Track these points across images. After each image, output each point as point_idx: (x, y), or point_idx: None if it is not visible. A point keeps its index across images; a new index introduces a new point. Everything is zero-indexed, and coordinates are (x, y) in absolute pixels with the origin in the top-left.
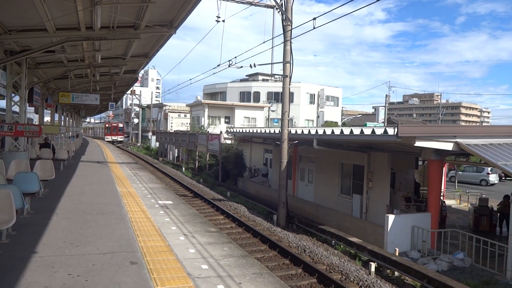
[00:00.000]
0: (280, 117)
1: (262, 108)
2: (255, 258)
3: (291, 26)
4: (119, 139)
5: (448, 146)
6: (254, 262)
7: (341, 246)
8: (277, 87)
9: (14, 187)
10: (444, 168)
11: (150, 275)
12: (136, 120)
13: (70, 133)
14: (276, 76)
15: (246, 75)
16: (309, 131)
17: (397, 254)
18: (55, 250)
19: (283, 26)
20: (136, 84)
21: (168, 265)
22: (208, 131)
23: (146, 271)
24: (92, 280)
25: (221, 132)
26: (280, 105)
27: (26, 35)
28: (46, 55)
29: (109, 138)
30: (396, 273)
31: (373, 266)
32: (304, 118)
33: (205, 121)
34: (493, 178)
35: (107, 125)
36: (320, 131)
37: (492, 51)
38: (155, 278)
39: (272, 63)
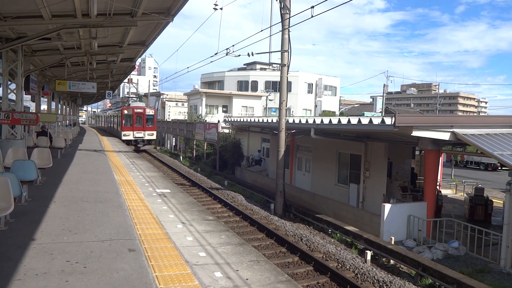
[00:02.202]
0: (277, 106)
1: (259, 97)
2: (252, 246)
3: (289, 14)
4: (148, 138)
5: (445, 136)
6: (251, 250)
7: (338, 234)
8: (275, 76)
9: (12, 174)
10: (440, 158)
11: (148, 262)
12: None
13: (67, 121)
14: (274, 65)
15: (244, 64)
16: (307, 121)
17: (393, 242)
18: (53, 238)
19: (281, 14)
20: (133, 73)
21: (166, 253)
22: (205, 120)
23: (144, 258)
24: (90, 267)
25: (218, 121)
26: (277, 94)
27: (22, 22)
28: (42, 43)
29: (128, 135)
30: (392, 261)
31: (369, 254)
32: (301, 108)
33: (202, 110)
34: None
35: (125, 112)
36: (318, 121)
37: (491, 41)
38: (153, 265)
39: (270, 52)
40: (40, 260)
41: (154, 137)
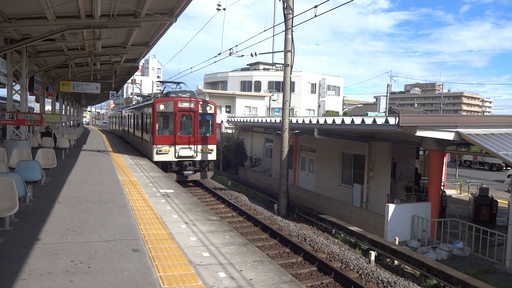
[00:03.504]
0: (281, 106)
1: (263, 97)
2: (256, 246)
3: (292, 14)
4: (203, 157)
5: (449, 136)
6: (255, 250)
7: (342, 235)
8: (278, 76)
9: (17, 175)
10: (445, 158)
11: (152, 263)
12: None
13: (72, 122)
14: (277, 65)
15: (247, 64)
16: (310, 121)
17: (397, 243)
18: (58, 238)
19: (284, 14)
20: (137, 73)
21: (169, 253)
22: None
23: (148, 258)
24: (95, 267)
25: (222, 121)
26: (281, 94)
27: (26, 23)
28: (46, 44)
29: (166, 152)
30: (396, 262)
31: (373, 254)
32: (305, 108)
33: None
34: None
35: (161, 107)
36: (321, 121)
37: (496, 40)
38: (157, 265)
39: (273, 52)
40: (44, 260)
41: (214, 156)
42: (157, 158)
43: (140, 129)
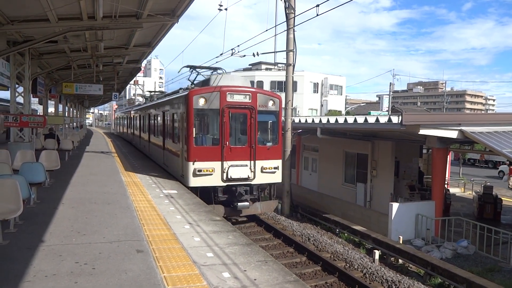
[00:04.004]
0: (283, 106)
1: None
2: (260, 246)
3: (294, 13)
4: (264, 180)
5: (452, 134)
6: (259, 250)
7: (345, 234)
8: (280, 76)
9: (21, 177)
10: (448, 156)
11: (156, 263)
12: None
13: (75, 123)
14: (279, 65)
15: (249, 64)
16: (313, 120)
17: (401, 242)
18: (62, 239)
19: (286, 13)
20: (139, 74)
21: (173, 253)
22: None
23: (152, 259)
24: (99, 268)
25: None
26: (283, 94)
27: (29, 26)
28: (49, 46)
29: (208, 171)
30: (400, 261)
31: (377, 254)
32: (307, 107)
33: None
34: None
35: (200, 103)
36: (324, 120)
37: (499, 38)
38: (161, 266)
39: (275, 52)
40: (49, 261)
41: (279, 177)
42: (194, 182)
43: (162, 136)
